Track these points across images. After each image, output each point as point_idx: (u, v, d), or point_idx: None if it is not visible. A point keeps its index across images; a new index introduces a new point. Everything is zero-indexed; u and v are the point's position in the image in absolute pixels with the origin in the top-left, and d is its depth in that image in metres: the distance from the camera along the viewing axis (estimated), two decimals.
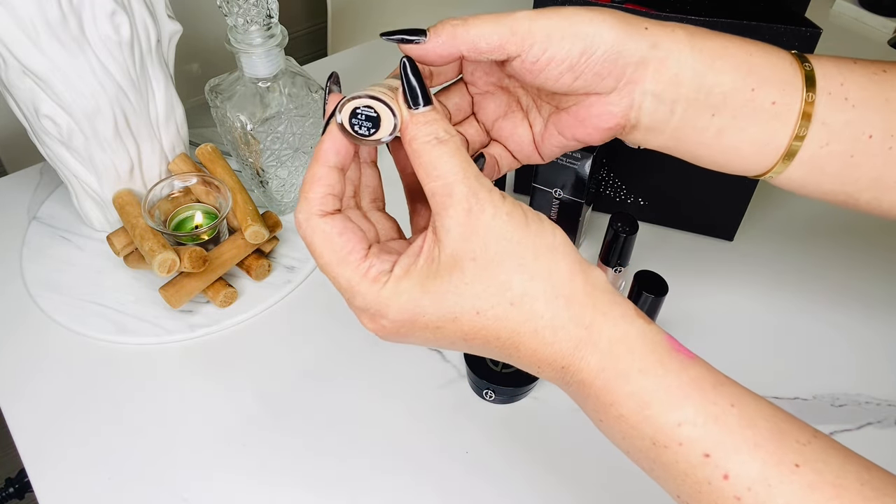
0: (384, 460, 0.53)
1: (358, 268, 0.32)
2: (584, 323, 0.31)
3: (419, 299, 0.32)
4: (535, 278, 0.31)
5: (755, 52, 0.37)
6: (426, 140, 0.32)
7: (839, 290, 0.65)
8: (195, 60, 0.95)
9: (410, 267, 0.32)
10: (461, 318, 0.32)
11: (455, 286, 0.31)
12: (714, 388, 0.30)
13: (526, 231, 0.31)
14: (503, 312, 0.31)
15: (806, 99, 0.37)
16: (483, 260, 0.31)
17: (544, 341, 0.32)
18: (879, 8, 0.96)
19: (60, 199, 0.72)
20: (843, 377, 0.58)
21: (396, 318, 0.32)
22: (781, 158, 0.38)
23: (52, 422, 0.55)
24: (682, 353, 0.31)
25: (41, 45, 0.53)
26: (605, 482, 0.52)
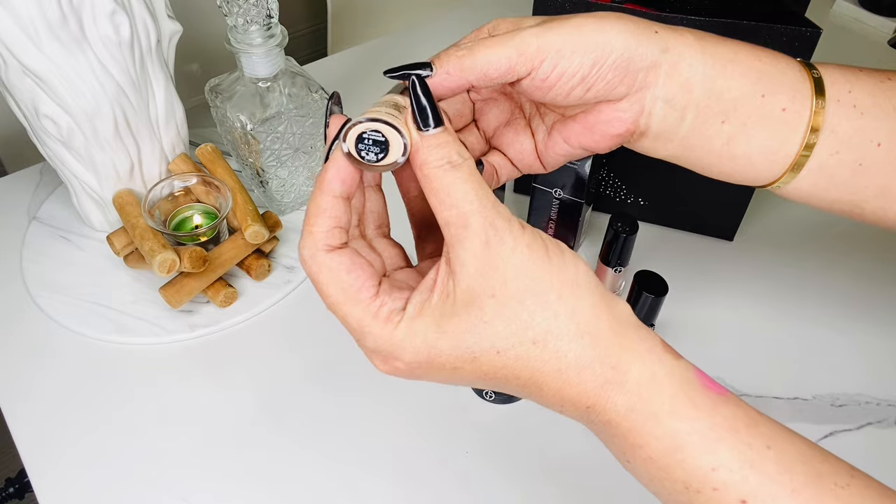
0: (384, 460, 0.53)
1: (369, 307, 0.30)
2: (611, 362, 0.30)
3: (435, 340, 0.30)
4: (559, 316, 0.29)
5: (764, 58, 0.37)
6: (438, 164, 0.29)
7: (839, 289, 0.65)
8: (195, 60, 0.95)
9: (424, 304, 0.30)
10: (480, 357, 0.30)
11: (473, 325, 0.29)
12: (748, 429, 0.29)
13: (548, 265, 0.30)
14: (524, 352, 0.29)
15: (815, 106, 0.36)
16: (503, 297, 0.29)
17: (568, 381, 0.30)
18: (879, 8, 0.96)
19: (60, 199, 0.72)
20: (842, 377, 0.58)
21: (412, 361, 0.30)
22: (791, 167, 0.38)
23: (52, 422, 0.55)
24: (712, 390, 0.29)
25: (41, 45, 0.53)
26: (606, 482, 0.52)
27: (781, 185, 0.39)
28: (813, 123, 0.36)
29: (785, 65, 0.37)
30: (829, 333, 0.61)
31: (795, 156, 0.37)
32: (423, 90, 0.30)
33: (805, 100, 0.36)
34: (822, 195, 0.39)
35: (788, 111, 0.36)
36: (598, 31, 0.33)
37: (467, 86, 0.33)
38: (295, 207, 0.70)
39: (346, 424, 0.55)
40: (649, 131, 0.37)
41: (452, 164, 0.29)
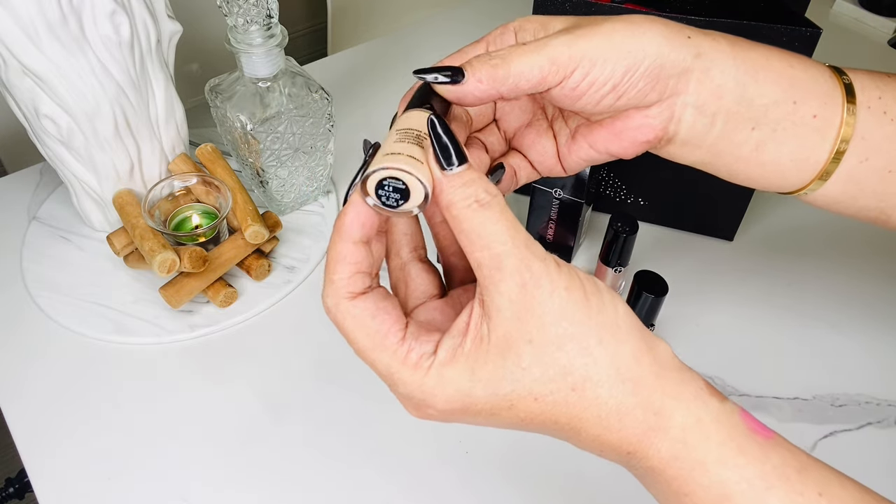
0: (383, 459, 0.53)
1: (396, 353, 0.29)
2: (654, 408, 0.28)
3: (470, 388, 0.28)
4: (599, 362, 0.28)
5: (795, 63, 0.36)
6: (466, 204, 0.28)
7: (839, 289, 0.65)
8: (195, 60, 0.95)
9: (457, 350, 0.29)
10: (518, 404, 0.29)
11: (510, 371, 0.28)
12: (799, 475, 0.27)
13: (587, 309, 0.28)
14: (563, 398, 0.28)
15: (846, 113, 0.36)
16: (541, 342, 0.28)
17: (609, 428, 0.29)
18: (879, 8, 0.96)
19: (60, 199, 0.72)
20: (843, 377, 0.58)
21: (445, 409, 0.29)
22: (820, 174, 0.37)
23: (52, 422, 0.55)
24: (759, 434, 0.28)
25: (41, 45, 0.53)
26: (606, 482, 0.52)
27: (809, 192, 0.38)
28: (843, 131, 0.36)
29: (816, 71, 0.36)
30: (830, 333, 0.61)
31: (825, 163, 0.37)
32: (444, 129, 0.29)
33: (836, 107, 0.36)
34: (849, 202, 0.38)
35: (819, 118, 0.36)
36: (630, 37, 0.33)
37: (497, 97, 0.33)
38: (295, 207, 0.70)
39: (345, 424, 0.55)
40: (677, 137, 0.36)
41: (481, 204, 0.28)
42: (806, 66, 0.36)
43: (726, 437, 0.28)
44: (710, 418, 0.28)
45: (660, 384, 0.29)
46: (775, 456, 0.28)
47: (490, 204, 0.28)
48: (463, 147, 0.29)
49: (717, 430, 0.28)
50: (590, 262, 0.67)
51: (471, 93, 0.32)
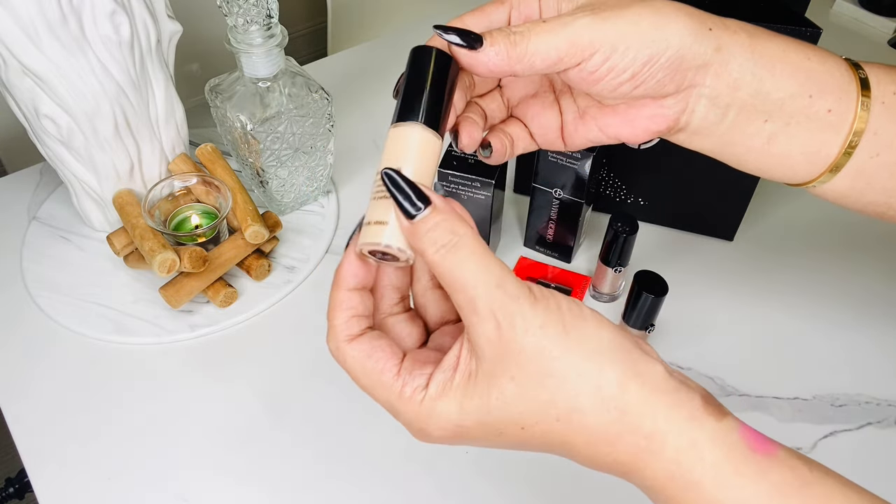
0: (384, 459, 0.53)
1: (392, 388, 0.31)
2: (643, 432, 0.28)
3: (459, 420, 0.30)
4: (581, 394, 0.28)
5: (813, 56, 0.36)
6: (434, 251, 0.29)
7: (839, 289, 0.65)
8: (195, 60, 0.95)
9: (446, 385, 0.30)
10: (506, 432, 0.30)
11: (495, 405, 0.29)
12: (799, 493, 0.27)
13: (566, 342, 0.28)
14: (549, 427, 0.29)
15: (860, 108, 0.36)
16: (521, 379, 0.28)
17: (599, 452, 0.29)
18: (879, 8, 0.96)
19: (60, 199, 0.72)
20: (843, 377, 0.58)
21: (440, 436, 0.31)
22: (830, 168, 0.37)
23: (52, 422, 0.55)
24: (759, 452, 0.28)
25: (41, 45, 0.53)
26: (606, 482, 0.52)
27: (818, 185, 0.38)
28: (856, 126, 0.36)
29: (833, 64, 0.36)
30: (830, 333, 0.61)
31: (836, 157, 0.37)
32: (403, 180, 0.30)
33: (850, 102, 0.36)
34: (857, 197, 0.38)
35: (834, 112, 0.36)
36: (656, 26, 0.32)
37: (510, 73, 0.33)
38: (295, 207, 0.70)
39: (345, 424, 0.55)
40: (689, 127, 0.36)
41: (448, 247, 0.28)
42: (823, 58, 0.36)
43: (722, 458, 0.28)
44: (705, 438, 0.28)
45: (649, 409, 0.28)
46: (774, 475, 0.27)
47: (457, 245, 0.28)
48: (422, 189, 0.30)
49: (711, 451, 0.28)
50: (590, 262, 0.67)
51: (484, 63, 0.32)
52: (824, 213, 0.71)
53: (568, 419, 0.29)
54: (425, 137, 0.31)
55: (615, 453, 0.29)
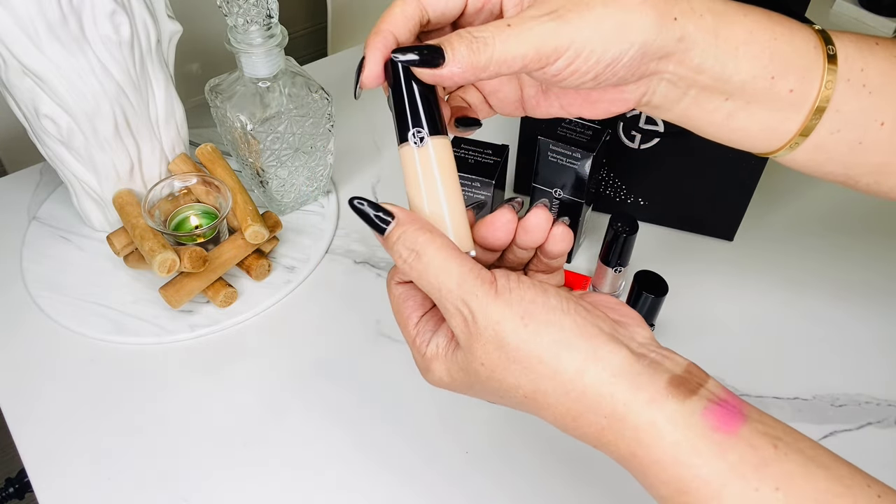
0: (384, 460, 0.53)
1: (410, 333, 0.36)
2: (604, 412, 0.30)
3: (449, 381, 0.34)
4: (543, 378, 0.31)
5: (780, 34, 0.35)
6: (402, 262, 0.33)
7: (839, 289, 0.65)
8: (195, 60, 0.95)
9: (439, 350, 0.34)
10: (487, 397, 0.34)
11: (474, 380, 0.33)
12: (756, 472, 0.28)
13: (523, 334, 0.31)
14: (519, 402, 0.33)
15: (824, 87, 0.36)
16: (489, 365, 0.32)
17: (567, 425, 0.32)
18: (879, 8, 0.96)
19: (60, 199, 0.72)
20: (843, 377, 0.58)
21: (436, 384, 0.35)
22: (789, 143, 0.38)
23: (52, 422, 0.55)
24: (721, 432, 0.29)
25: (41, 45, 0.53)
26: (606, 482, 0.52)
27: (777, 156, 0.39)
28: (818, 104, 0.36)
29: (801, 41, 0.36)
30: (830, 333, 0.61)
31: (795, 134, 0.37)
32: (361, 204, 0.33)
33: (815, 80, 0.36)
34: (817, 167, 0.39)
35: (795, 92, 0.36)
36: (619, 27, 0.32)
37: (475, 80, 0.33)
38: (295, 207, 0.70)
39: (345, 424, 0.55)
40: (650, 104, 0.37)
41: (411, 258, 0.32)
42: (792, 35, 0.36)
43: (681, 438, 0.29)
44: (664, 419, 0.29)
45: (607, 391, 0.30)
46: (733, 454, 0.28)
47: (418, 255, 0.32)
48: (385, 206, 0.33)
49: (671, 431, 0.29)
50: (590, 262, 0.67)
51: (448, 77, 0.32)
52: (824, 213, 0.71)
53: (534, 398, 0.32)
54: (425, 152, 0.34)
55: (580, 428, 0.32)
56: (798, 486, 0.28)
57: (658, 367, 0.31)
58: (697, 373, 0.31)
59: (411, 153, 0.34)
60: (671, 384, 0.30)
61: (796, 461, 0.29)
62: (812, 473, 0.28)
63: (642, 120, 0.62)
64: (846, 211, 0.72)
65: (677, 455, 0.29)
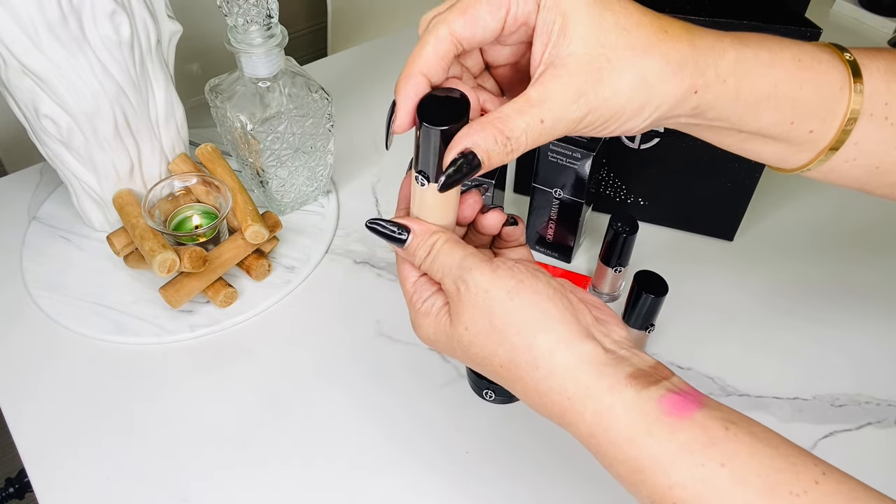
0: (384, 460, 0.53)
1: (408, 289, 0.39)
2: (567, 394, 0.33)
3: (434, 341, 0.38)
4: (517, 349, 0.34)
5: (807, 81, 0.35)
6: (421, 262, 0.37)
7: (839, 290, 0.65)
8: (195, 60, 0.95)
9: (431, 310, 0.38)
10: (468, 361, 0.37)
11: (456, 345, 0.36)
12: (705, 450, 0.31)
13: (508, 305, 0.34)
14: (494, 371, 0.36)
15: (844, 128, 0.36)
16: (473, 330, 0.35)
17: (534, 401, 0.35)
18: (879, 8, 0.96)
19: (60, 199, 0.72)
20: (843, 377, 0.58)
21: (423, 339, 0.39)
22: (801, 169, 0.38)
23: (52, 422, 0.55)
24: (674, 416, 0.32)
25: (41, 45, 0.53)
26: (606, 482, 0.52)
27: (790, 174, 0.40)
28: (835, 142, 0.37)
29: (828, 85, 0.35)
30: (830, 333, 0.61)
31: (808, 163, 0.38)
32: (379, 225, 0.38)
33: (835, 121, 0.36)
34: (830, 182, 0.40)
35: (815, 132, 0.36)
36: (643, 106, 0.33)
37: None
38: (295, 207, 0.70)
39: (345, 424, 0.55)
40: None
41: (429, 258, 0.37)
42: (819, 81, 0.35)
43: (636, 421, 0.32)
44: (621, 405, 0.32)
45: (572, 375, 0.33)
46: (684, 434, 0.31)
47: (433, 253, 0.37)
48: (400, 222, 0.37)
49: (626, 415, 0.32)
50: (590, 262, 0.67)
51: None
52: (824, 213, 0.71)
53: (507, 368, 0.35)
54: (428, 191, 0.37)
55: (546, 405, 0.34)
56: (743, 463, 0.30)
57: (624, 361, 0.34)
58: (662, 370, 0.34)
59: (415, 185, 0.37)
60: (632, 376, 0.33)
61: (745, 441, 0.31)
62: (759, 451, 0.31)
63: None
64: (846, 211, 0.72)
65: (632, 436, 0.32)
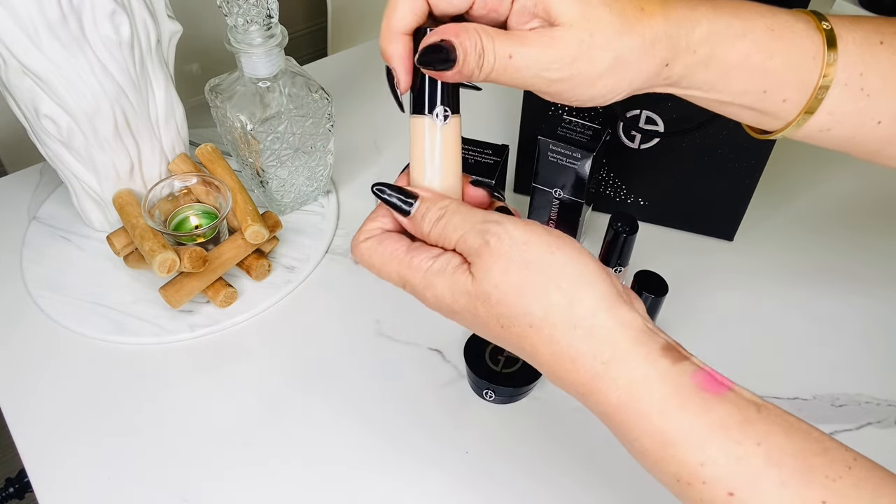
0: (384, 460, 0.53)
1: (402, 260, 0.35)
2: (603, 358, 0.31)
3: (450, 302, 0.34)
4: (554, 306, 0.32)
5: (778, 51, 0.36)
6: (431, 226, 0.35)
7: (839, 289, 0.65)
8: (195, 60, 0.95)
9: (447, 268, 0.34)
10: (489, 324, 0.34)
11: (479, 305, 0.33)
12: (740, 427, 0.30)
13: (549, 259, 0.32)
14: (523, 332, 0.33)
15: (816, 96, 0.36)
16: (504, 287, 0.32)
17: (563, 367, 0.32)
18: (879, 8, 0.96)
19: (60, 199, 0.72)
20: (843, 377, 0.58)
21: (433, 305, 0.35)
22: (776, 133, 0.39)
23: (52, 422, 0.55)
24: (709, 392, 0.30)
25: (41, 45, 0.53)
26: (606, 482, 0.52)
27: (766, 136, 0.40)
28: (807, 110, 0.37)
29: (800, 53, 0.36)
30: (830, 333, 0.61)
31: (782, 129, 0.38)
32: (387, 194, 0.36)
33: (809, 88, 0.36)
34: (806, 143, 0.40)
35: (788, 101, 0.37)
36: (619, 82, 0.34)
37: None
38: (295, 207, 0.70)
39: (345, 424, 0.55)
40: None
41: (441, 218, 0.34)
42: (790, 50, 0.36)
43: (670, 393, 0.30)
44: (656, 375, 0.31)
45: (612, 338, 0.31)
46: (719, 410, 0.30)
47: (447, 212, 0.34)
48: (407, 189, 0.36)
49: (661, 387, 0.31)
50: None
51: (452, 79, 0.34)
52: (824, 212, 0.71)
53: (539, 328, 0.32)
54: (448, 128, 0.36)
55: (574, 371, 0.32)
56: (778, 443, 0.29)
57: (657, 333, 0.33)
58: (684, 350, 0.33)
59: (432, 127, 0.35)
60: (665, 348, 0.32)
61: (778, 423, 0.30)
62: (793, 434, 0.30)
63: (642, 120, 0.62)
64: (846, 211, 0.72)
65: (665, 409, 0.30)
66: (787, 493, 0.28)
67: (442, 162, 0.36)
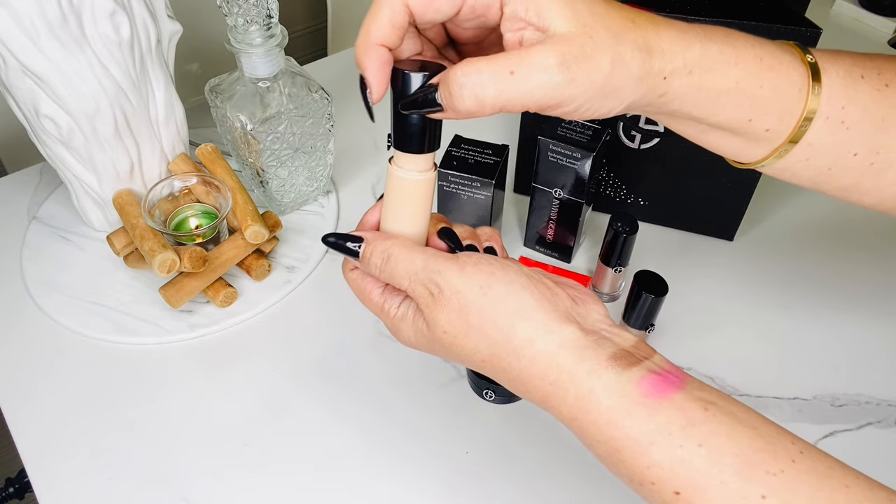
0: (384, 460, 0.53)
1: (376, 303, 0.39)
2: (550, 380, 0.34)
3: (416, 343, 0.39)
4: (496, 344, 0.35)
5: (767, 81, 0.36)
6: (378, 271, 0.38)
7: (839, 289, 0.65)
8: (195, 60, 0.95)
9: (408, 314, 0.38)
10: (454, 358, 0.37)
11: (438, 347, 0.37)
12: (682, 430, 0.31)
13: (482, 301, 0.35)
14: (479, 365, 0.36)
15: (801, 126, 0.37)
16: (452, 332, 0.36)
17: (518, 390, 0.36)
18: (879, 8, 0.96)
19: (60, 199, 0.72)
20: (843, 377, 0.58)
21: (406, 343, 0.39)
22: (756, 164, 0.40)
23: (52, 422, 0.55)
24: (654, 397, 0.32)
25: (41, 45, 0.53)
26: (606, 481, 0.52)
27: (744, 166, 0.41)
28: (792, 136, 0.37)
29: (788, 85, 0.36)
30: (830, 333, 0.61)
31: (763, 159, 0.39)
32: (334, 238, 0.39)
33: (792, 120, 0.37)
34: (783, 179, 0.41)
35: (771, 132, 0.37)
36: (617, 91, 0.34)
37: None
38: (295, 207, 0.70)
39: (345, 424, 0.55)
40: None
41: (383, 264, 0.37)
42: (779, 81, 0.36)
43: (615, 404, 0.33)
44: (602, 388, 0.33)
45: (554, 362, 0.34)
46: (662, 416, 0.32)
47: (389, 259, 0.37)
48: (351, 234, 0.39)
49: (607, 398, 0.33)
50: (590, 263, 0.67)
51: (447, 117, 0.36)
52: (824, 213, 0.71)
53: (490, 361, 0.36)
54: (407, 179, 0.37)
55: (528, 393, 0.35)
56: (721, 443, 0.31)
57: (604, 342, 0.34)
58: (643, 348, 0.35)
59: (403, 181, 0.37)
60: (612, 357, 0.34)
61: (723, 422, 0.32)
62: (737, 432, 0.31)
63: (642, 120, 0.62)
64: (846, 211, 0.72)
65: (611, 418, 0.33)
66: (728, 491, 0.30)
67: (412, 213, 0.38)
